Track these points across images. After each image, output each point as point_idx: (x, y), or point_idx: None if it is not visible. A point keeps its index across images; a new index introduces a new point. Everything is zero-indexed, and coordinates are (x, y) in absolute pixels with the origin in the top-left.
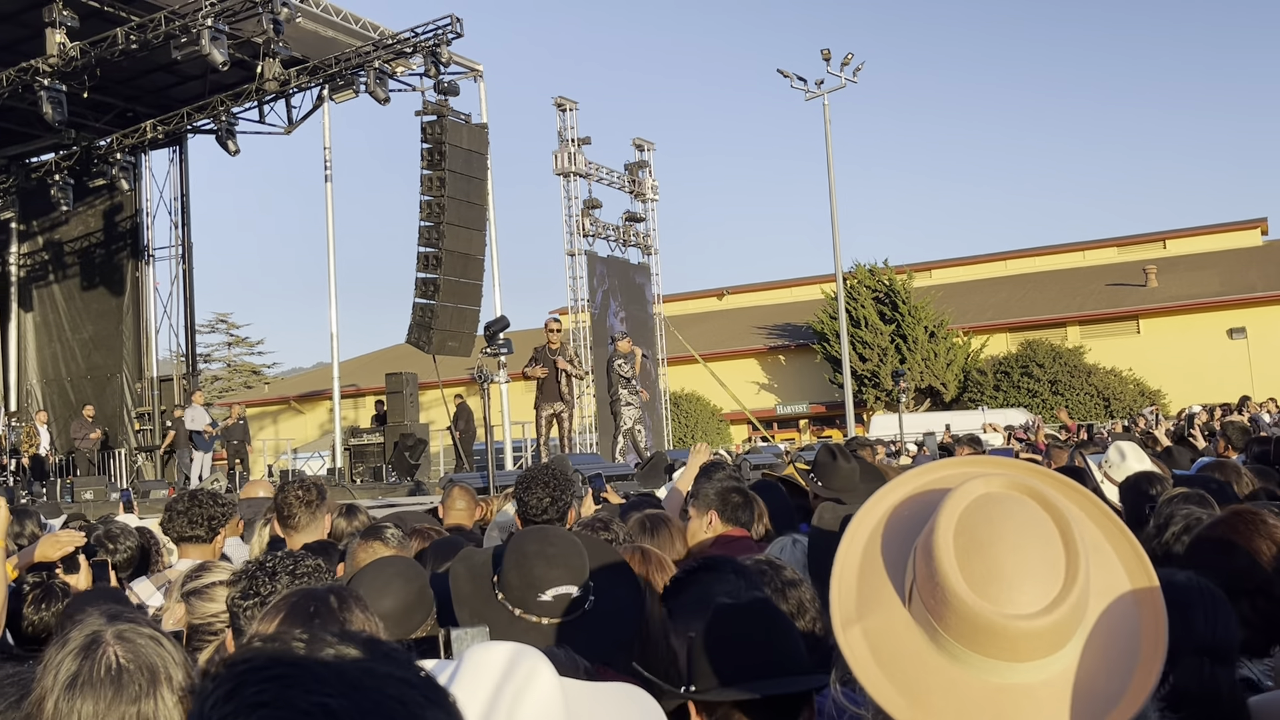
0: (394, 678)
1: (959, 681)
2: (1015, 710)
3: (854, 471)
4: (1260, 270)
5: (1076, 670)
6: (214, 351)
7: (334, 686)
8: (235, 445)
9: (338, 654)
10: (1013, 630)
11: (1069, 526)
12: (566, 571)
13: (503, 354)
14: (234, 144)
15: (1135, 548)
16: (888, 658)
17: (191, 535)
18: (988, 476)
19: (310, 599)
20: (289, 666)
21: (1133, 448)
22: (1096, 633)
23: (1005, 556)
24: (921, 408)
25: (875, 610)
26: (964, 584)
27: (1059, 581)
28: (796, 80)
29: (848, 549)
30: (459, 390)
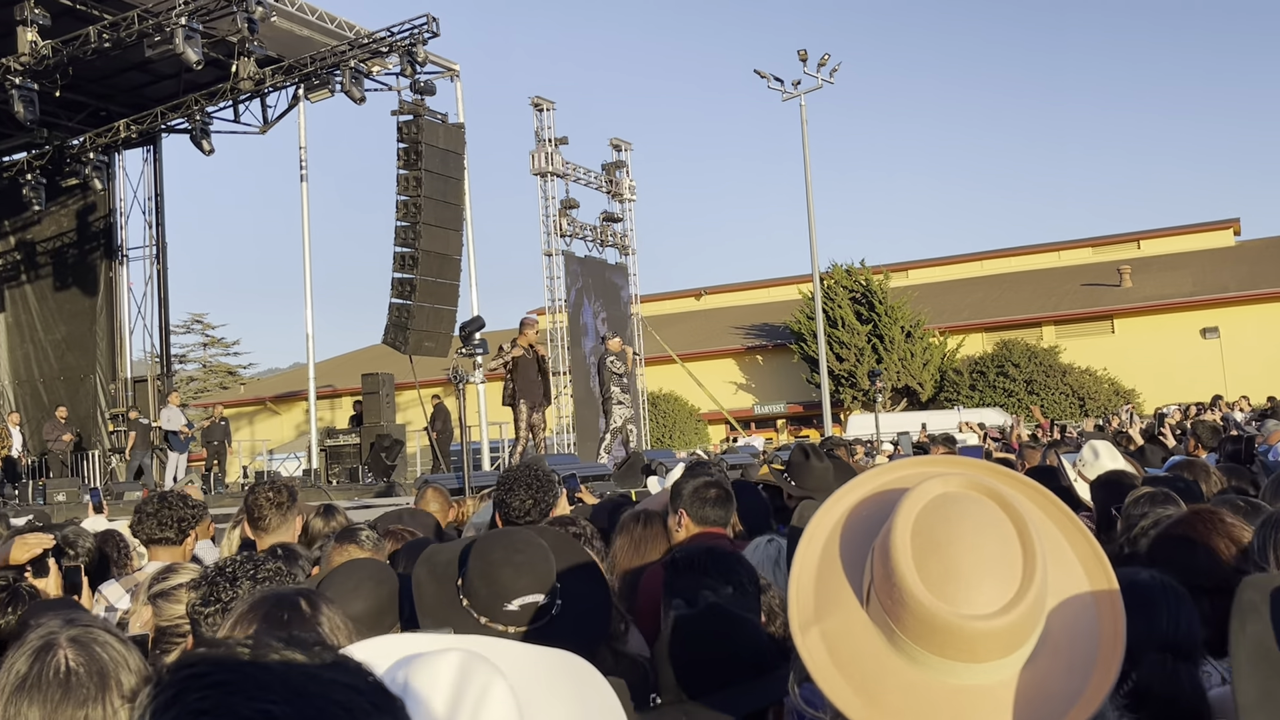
0: (340, 684)
1: (917, 683)
2: (973, 711)
3: (828, 471)
4: (1233, 270)
5: (1034, 672)
6: (189, 352)
7: (277, 693)
8: (215, 446)
9: (282, 659)
10: (969, 630)
11: (1026, 526)
12: (533, 579)
13: (478, 354)
14: (208, 144)
15: (1094, 548)
16: (846, 660)
17: (161, 537)
18: (945, 476)
19: (281, 603)
20: (231, 672)
21: (1106, 447)
22: (1054, 633)
23: (962, 556)
24: (898, 407)
25: (833, 612)
26: (920, 584)
27: (1016, 581)
28: (773, 81)
29: (806, 550)
30: (436, 391)
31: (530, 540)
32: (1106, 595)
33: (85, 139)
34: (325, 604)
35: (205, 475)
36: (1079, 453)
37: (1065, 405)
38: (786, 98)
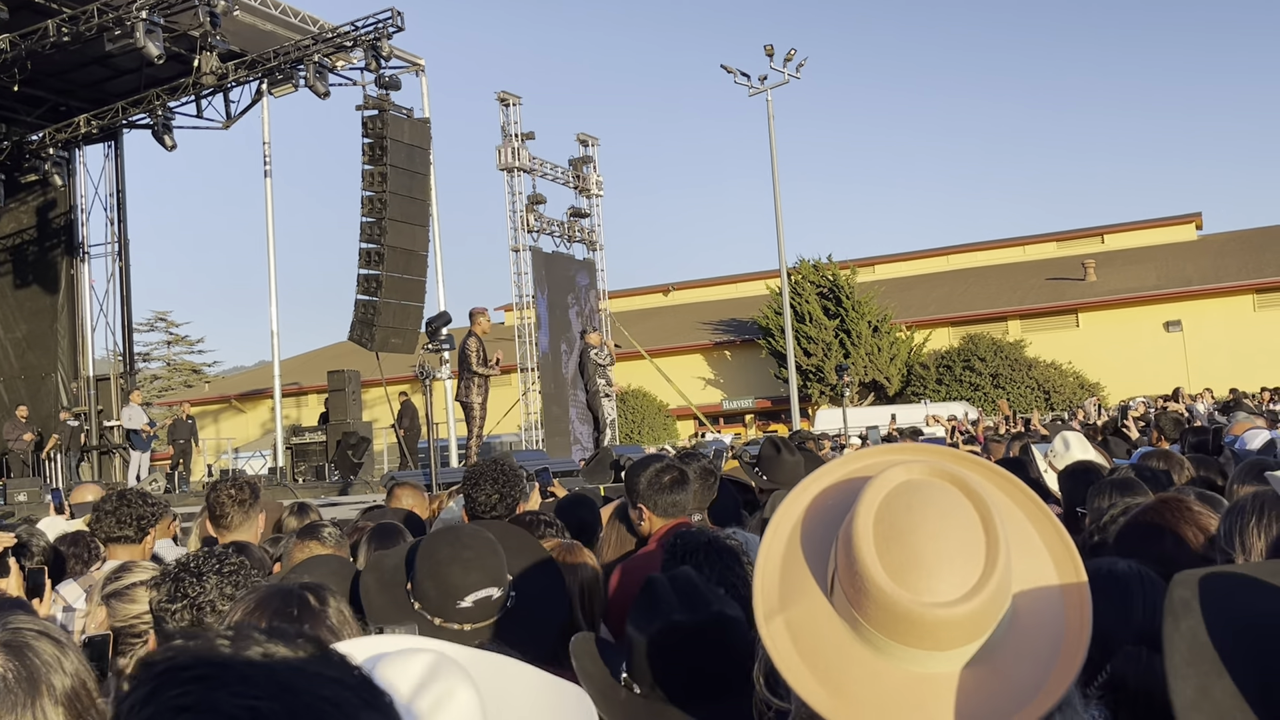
0: (327, 678)
1: (881, 671)
2: (935, 699)
3: (799, 464)
4: (1195, 264)
5: (997, 659)
6: (153, 350)
7: (263, 688)
8: (181, 444)
9: (266, 652)
10: (931, 618)
11: (990, 513)
12: (483, 574)
13: (445, 350)
14: (170, 139)
15: (1062, 536)
16: (809, 649)
17: (120, 535)
18: (910, 464)
19: (289, 598)
20: (213, 666)
21: (1077, 438)
22: (1019, 621)
23: (924, 544)
24: (865, 402)
25: (798, 601)
26: (882, 572)
27: (979, 569)
28: (740, 76)
29: (772, 540)
30: (403, 388)
31: (476, 535)
32: (1074, 584)
33: (45, 134)
34: (332, 597)
35: (170, 474)
36: (1050, 444)
37: (1031, 399)
38: (753, 93)
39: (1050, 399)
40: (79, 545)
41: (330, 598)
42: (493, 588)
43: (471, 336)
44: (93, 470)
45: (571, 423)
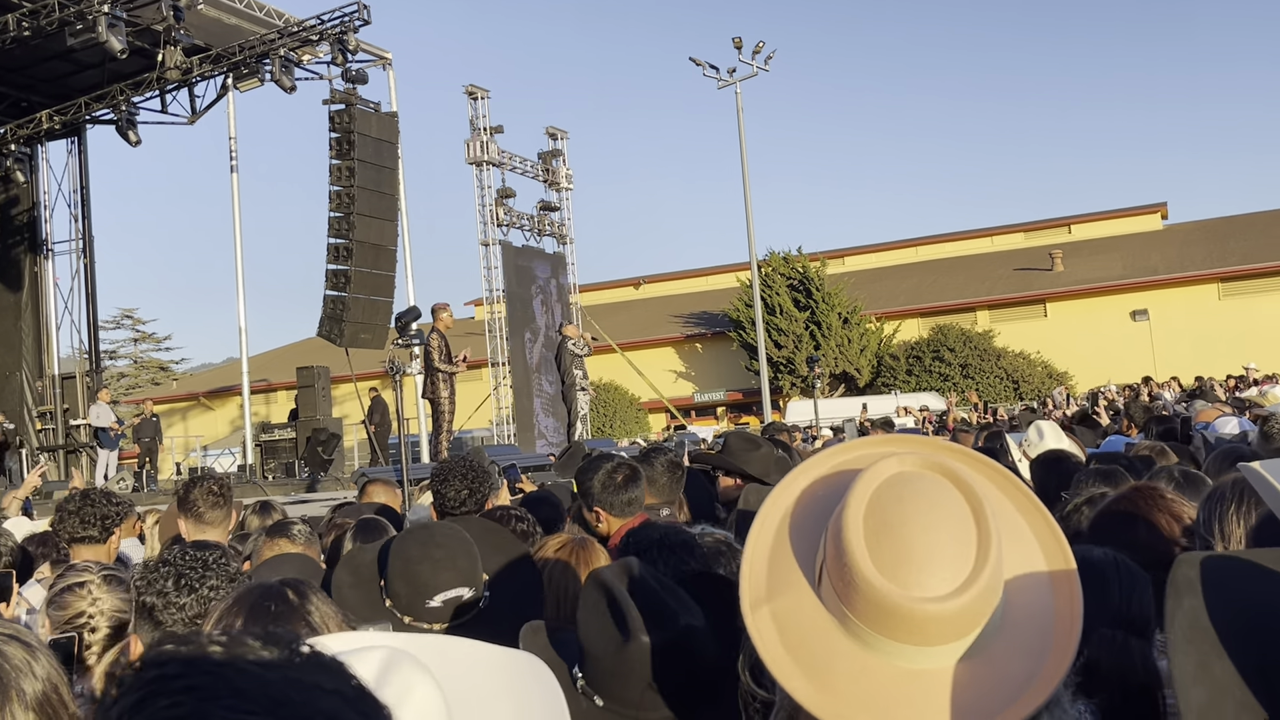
0: (323, 689)
1: (868, 666)
2: (924, 695)
3: (769, 455)
4: (1161, 253)
5: (987, 655)
6: (119, 348)
7: (257, 700)
8: (146, 443)
9: (260, 660)
10: (921, 613)
11: (982, 506)
12: (455, 574)
13: (415, 345)
14: (135, 134)
15: (1052, 527)
16: (795, 640)
17: (84, 535)
18: (901, 455)
19: (268, 595)
20: (206, 676)
21: (1051, 427)
22: (1010, 615)
23: (915, 538)
24: (836, 393)
25: (785, 592)
26: (872, 566)
27: (970, 564)
28: (709, 69)
29: (760, 529)
30: (373, 384)
31: (450, 533)
32: (1064, 576)
33: (6, 130)
34: (313, 593)
35: (138, 473)
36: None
37: (1000, 389)
38: (722, 85)
39: (1019, 388)
40: (47, 545)
41: (311, 594)
42: (464, 588)
43: (434, 333)
44: (58, 470)
45: (535, 415)
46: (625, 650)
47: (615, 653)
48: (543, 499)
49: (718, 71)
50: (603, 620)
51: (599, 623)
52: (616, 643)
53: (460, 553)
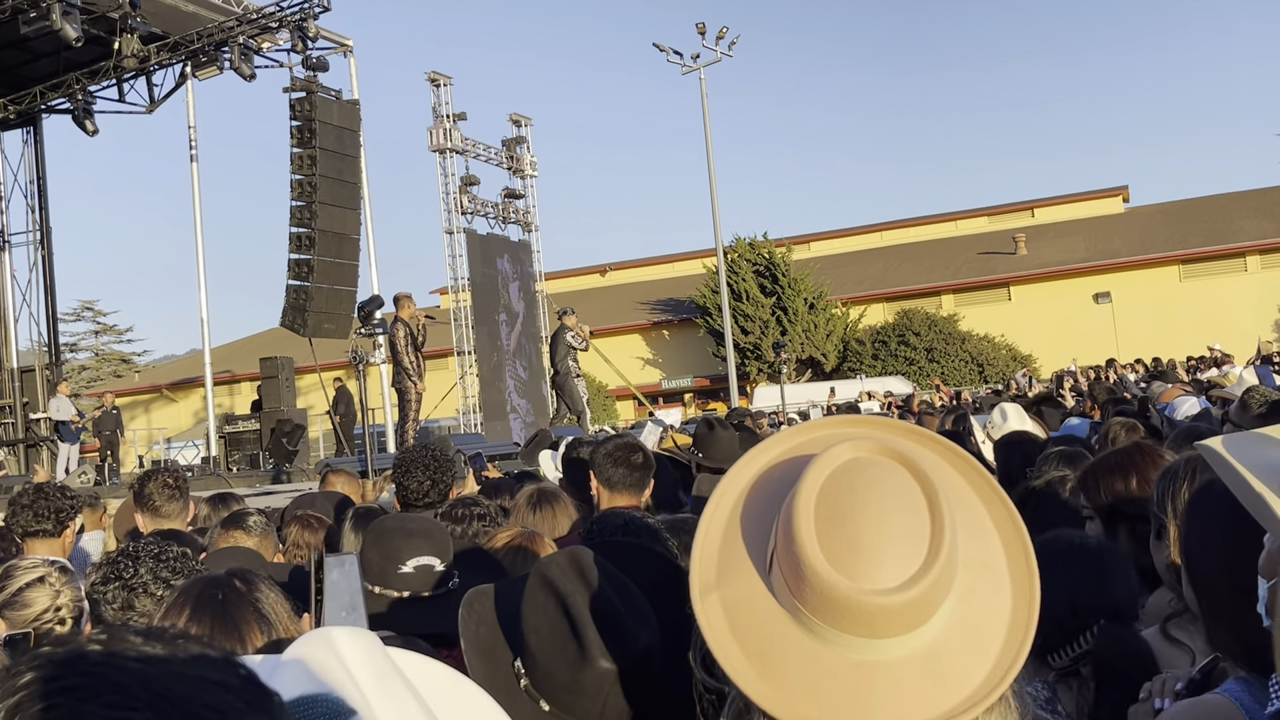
0: (208, 681)
1: (816, 656)
2: (872, 687)
3: (734, 440)
4: (1123, 236)
5: (938, 648)
6: (80, 340)
7: (138, 698)
8: (107, 436)
9: (142, 656)
10: (870, 606)
11: (937, 497)
12: (427, 542)
13: (378, 334)
14: (92, 124)
15: (1014, 517)
16: (744, 629)
17: (38, 529)
18: (858, 440)
19: (214, 584)
20: (83, 676)
21: (1015, 409)
22: (965, 609)
23: (866, 528)
24: (803, 378)
25: (735, 578)
26: (821, 557)
27: (921, 555)
28: (673, 54)
29: (713, 513)
30: (338, 374)
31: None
32: (1023, 570)
33: None
34: (261, 581)
35: (99, 466)
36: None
37: (965, 372)
38: (686, 71)
39: (984, 371)
40: (5, 540)
41: (259, 582)
42: (435, 558)
43: (398, 323)
44: (18, 465)
45: (509, 395)
46: (582, 673)
47: (569, 670)
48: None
49: (681, 57)
50: (556, 632)
51: (552, 636)
52: (572, 662)
53: (435, 530)
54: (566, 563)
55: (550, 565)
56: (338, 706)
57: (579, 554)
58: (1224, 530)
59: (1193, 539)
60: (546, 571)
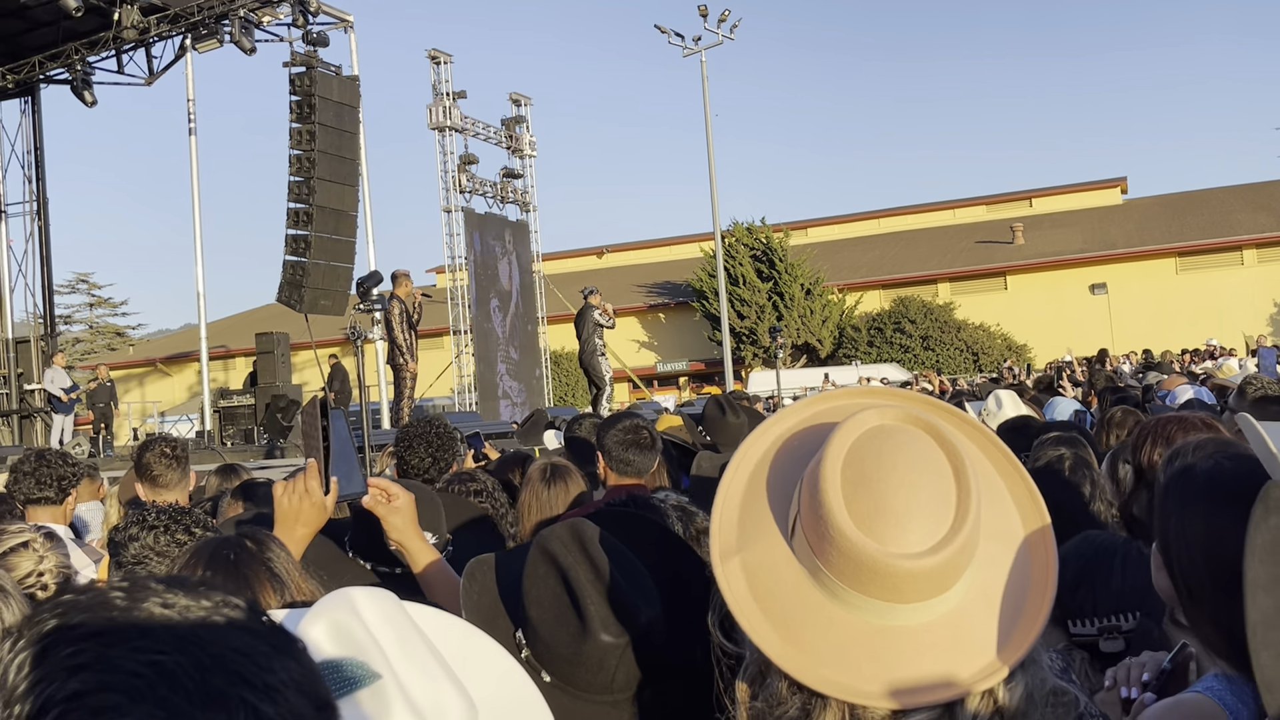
0: (235, 626)
1: (837, 620)
2: (892, 652)
3: (743, 426)
4: (1120, 228)
5: (959, 614)
6: (75, 313)
7: (165, 641)
8: (101, 409)
9: (166, 603)
10: (896, 569)
11: (963, 464)
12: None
13: (376, 310)
14: (90, 95)
15: (1031, 490)
16: (765, 592)
17: (40, 497)
18: (882, 408)
19: (226, 544)
20: (109, 621)
21: (1010, 395)
22: (984, 577)
23: (894, 492)
24: (798, 364)
25: (756, 542)
26: (849, 519)
27: (948, 521)
28: (674, 36)
29: (732, 479)
30: (333, 350)
31: (418, 487)
32: (1040, 542)
33: None
34: (272, 541)
35: (93, 439)
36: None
37: (960, 360)
38: (687, 53)
39: (979, 360)
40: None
41: (270, 542)
42: (429, 532)
43: (394, 300)
44: (12, 435)
45: (500, 377)
46: (583, 646)
47: (570, 643)
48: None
49: (683, 39)
50: (558, 605)
51: (554, 608)
52: (573, 634)
53: (424, 500)
54: (568, 535)
55: (551, 538)
56: (363, 670)
57: (581, 526)
58: (1205, 513)
59: (1171, 523)
60: (548, 544)
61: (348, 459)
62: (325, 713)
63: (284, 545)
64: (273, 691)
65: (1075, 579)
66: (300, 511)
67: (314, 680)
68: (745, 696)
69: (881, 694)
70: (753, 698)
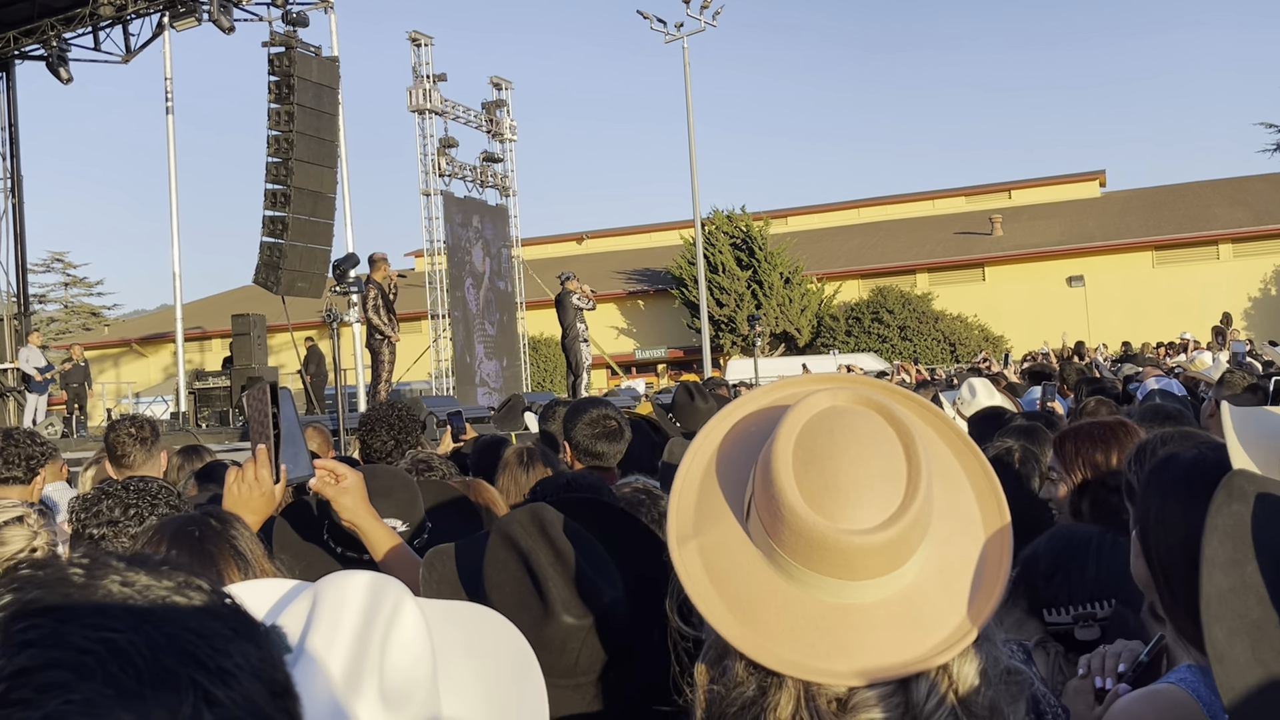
0: (193, 607)
1: (792, 599)
2: (847, 629)
3: (712, 410)
4: (1098, 221)
5: (914, 591)
6: (49, 292)
7: (120, 619)
8: (75, 389)
9: (125, 580)
10: (847, 545)
11: (913, 442)
12: (391, 504)
13: (353, 293)
14: (66, 72)
15: (986, 470)
16: (721, 575)
17: (8, 476)
18: (834, 391)
19: (190, 521)
20: (63, 597)
21: (984, 384)
22: (938, 554)
23: (844, 470)
24: (776, 352)
25: (713, 526)
26: (799, 497)
27: (899, 497)
28: (656, 22)
29: (690, 465)
30: (310, 333)
31: (390, 471)
32: (996, 521)
33: None
34: (236, 520)
35: (67, 419)
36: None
37: (937, 351)
38: (669, 39)
39: (956, 351)
40: None
41: (235, 521)
42: (398, 520)
43: (370, 283)
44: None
45: (478, 360)
46: (545, 628)
47: (533, 626)
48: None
49: (665, 25)
50: (519, 589)
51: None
52: (536, 617)
53: (398, 487)
54: (528, 519)
55: (511, 522)
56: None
57: (540, 510)
58: (1184, 501)
59: (1150, 510)
60: (508, 528)
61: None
62: (281, 699)
63: (247, 524)
64: (226, 675)
65: (1050, 568)
66: (249, 500)
67: (272, 666)
68: (704, 679)
69: (836, 671)
70: (711, 680)
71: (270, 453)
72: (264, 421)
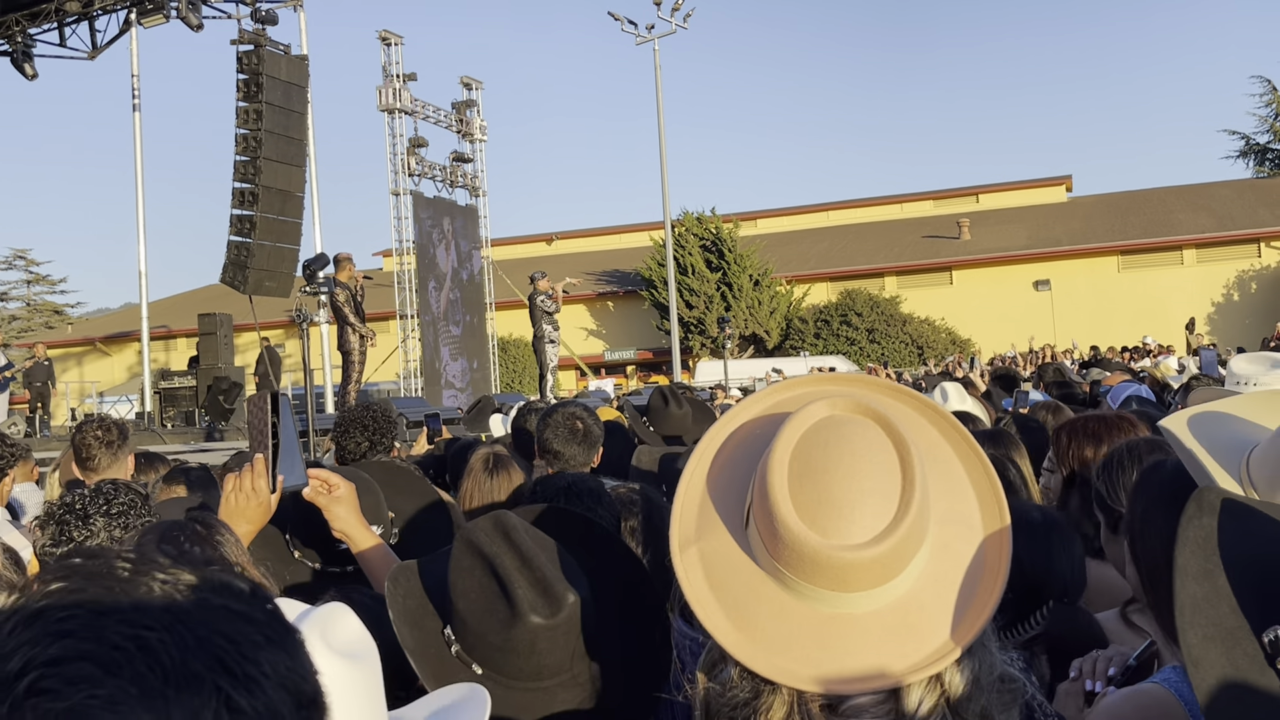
0: (230, 611)
1: (789, 608)
2: (841, 639)
3: (686, 417)
4: (1064, 225)
5: (909, 601)
6: (11, 290)
7: (156, 618)
8: (38, 387)
9: (168, 579)
10: (839, 561)
11: (909, 453)
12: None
13: (322, 294)
14: (31, 68)
15: (990, 475)
16: (720, 582)
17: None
18: (834, 398)
19: (176, 527)
20: (107, 590)
21: (955, 388)
22: (936, 562)
23: (837, 484)
24: (745, 354)
25: (713, 532)
26: (793, 512)
27: (891, 511)
28: (627, 24)
29: (694, 469)
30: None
31: (358, 476)
32: (995, 528)
33: None
34: (220, 525)
35: (29, 418)
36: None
37: (905, 354)
38: (640, 42)
39: (923, 354)
40: None
41: (219, 526)
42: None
43: (339, 286)
44: None
45: (443, 363)
46: (512, 630)
47: (500, 630)
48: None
49: (636, 27)
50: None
51: (481, 597)
52: (503, 620)
53: (362, 490)
54: (491, 526)
55: (475, 530)
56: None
57: (503, 517)
58: (1169, 507)
59: (1136, 516)
60: (472, 536)
61: (290, 451)
62: (306, 710)
63: (233, 530)
64: (251, 682)
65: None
66: (246, 510)
67: (301, 676)
68: (704, 681)
69: (829, 680)
70: (710, 680)
71: (268, 462)
72: (264, 430)
